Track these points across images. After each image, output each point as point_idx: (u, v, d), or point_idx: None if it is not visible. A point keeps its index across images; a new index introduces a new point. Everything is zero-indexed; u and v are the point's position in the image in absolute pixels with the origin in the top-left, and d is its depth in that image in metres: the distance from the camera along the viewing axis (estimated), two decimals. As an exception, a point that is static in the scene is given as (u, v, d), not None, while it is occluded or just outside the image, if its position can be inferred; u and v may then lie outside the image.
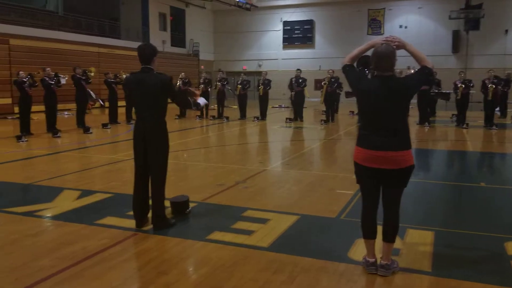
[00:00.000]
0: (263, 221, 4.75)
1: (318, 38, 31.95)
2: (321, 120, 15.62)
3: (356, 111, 17.54)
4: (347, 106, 20.42)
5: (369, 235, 3.58)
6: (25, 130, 11.72)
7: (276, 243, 4.14)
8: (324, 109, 16.72)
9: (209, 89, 17.58)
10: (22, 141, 10.63)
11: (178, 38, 30.98)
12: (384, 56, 3.42)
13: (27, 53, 19.37)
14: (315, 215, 4.99)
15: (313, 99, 24.69)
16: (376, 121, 3.46)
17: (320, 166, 8.32)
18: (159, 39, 27.97)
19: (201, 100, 4.83)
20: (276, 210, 5.13)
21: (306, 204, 5.43)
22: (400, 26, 29.38)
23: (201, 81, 17.66)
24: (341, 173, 7.27)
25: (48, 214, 4.98)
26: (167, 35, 29.77)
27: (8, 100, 18.28)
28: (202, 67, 31.29)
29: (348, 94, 16.53)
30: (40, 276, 3.41)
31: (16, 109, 18.15)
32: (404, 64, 10.66)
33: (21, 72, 12.03)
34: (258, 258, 3.80)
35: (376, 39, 3.74)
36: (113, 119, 14.76)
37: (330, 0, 30.79)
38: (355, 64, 3.77)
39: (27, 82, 11.83)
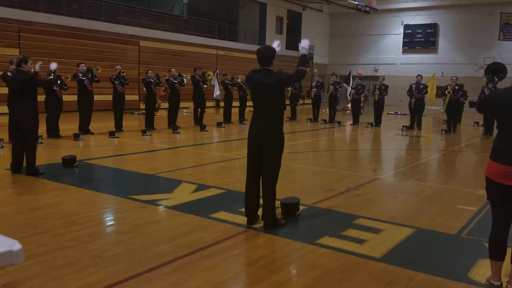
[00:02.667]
0: (376, 231, 4.56)
1: (441, 42, 30.10)
2: (442, 129, 14.65)
3: (481, 122, 16.21)
4: (472, 116, 18.94)
5: (497, 256, 3.27)
6: (150, 125, 12.65)
7: (390, 254, 3.95)
8: (446, 118, 15.67)
9: (321, 93, 17.48)
10: (146, 135, 11.50)
11: (293, 41, 31.29)
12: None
13: (153, 54, 20.98)
14: (433, 230, 4.68)
15: (433, 107, 23.35)
16: None
17: (439, 178, 7.80)
18: (275, 42, 28.50)
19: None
20: (390, 221, 4.90)
21: (423, 218, 5.12)
22: (538, 31, 26.55)
23: (313, 84, 17.61)
24: (463, 187, 6.74)
25: (168, 204, 5.30)
26: (282, 38, 30.22)
27: (136, 97, 19.95)
28: (316, 70, 31.26)
29: (472, 104, 15.24)
30: (161, 260, 3.63)
31: (142, 105, 19.79)
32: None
33: (150, 71, 13.02)
34: (370, 268, 3.66)
35: None
36: (227, 118, 15.36)
37: (457, 2, 28.84)
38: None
39: (154, 82, 12.77)
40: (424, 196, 6.18)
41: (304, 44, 4.57)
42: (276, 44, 4.68)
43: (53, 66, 9.23)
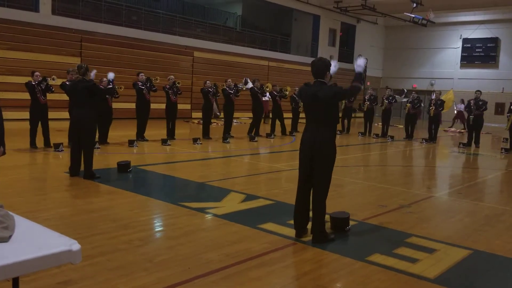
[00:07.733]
0: (430, 250, 4.38)
1: (503, 57, 28.79)
2: (502, 148, 13.95)
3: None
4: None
5: None
6: (206, 134, 12.82)
7: (444, 276, 3.78)
8: (507, 136, 14.91)
9: (374, 106, 17.15)
10: (197, 143, 11.70)
11: (346, 54, 30.99)
12: None
13: (206, 65, 21.40)
14: (490, 253, 4.43)
15: (493, 124, 22.35)
16: None
17: (498, 199, 7.40)
18: (327, 54, 28.32)
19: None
20: (444, 241, 4.69)
21: (481, 239, 4.87)
22: None
23: (366, 97, 17.32)
24: (525, 209, 6.36)
25: (217, 212, 5.34)
26: (335, 50, 30.00)
27: (188, 106, 20.39)
28: (369, 83, 30.74)
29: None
30: (208, 268, 3.66)
31: (194, 115, 20.17)
32: None
33: (208, 82, 13.25)
34: (423, 289, 3.51)
35: None
36: (275, 130, 15.36)
37: (521, 15, 27.58)
38: None
39: (212, 92, 12.99)
40: (482, 216, 5.88)
41: (360, 62, 4.61)
42: (333, 64, 4.70)
43: (111, 75, 9.56)
